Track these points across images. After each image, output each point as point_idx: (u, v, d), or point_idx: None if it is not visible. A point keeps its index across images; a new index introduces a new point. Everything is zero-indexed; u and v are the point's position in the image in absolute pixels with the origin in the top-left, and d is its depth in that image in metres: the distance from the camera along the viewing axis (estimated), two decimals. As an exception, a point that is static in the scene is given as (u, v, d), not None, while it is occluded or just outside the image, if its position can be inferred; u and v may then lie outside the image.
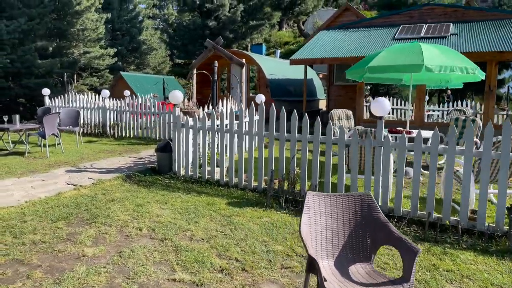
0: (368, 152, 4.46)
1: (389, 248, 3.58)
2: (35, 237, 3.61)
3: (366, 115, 11.24)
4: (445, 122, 11.53)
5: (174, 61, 36.76)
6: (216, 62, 6.42)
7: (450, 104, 13.91)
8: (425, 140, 7.31)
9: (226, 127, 6.65)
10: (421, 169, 4.87)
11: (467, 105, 12.92)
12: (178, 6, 25.06)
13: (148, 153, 7.93)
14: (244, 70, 8.60)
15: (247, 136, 5.72)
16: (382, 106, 4.32)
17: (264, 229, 3.97)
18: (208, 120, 5.85)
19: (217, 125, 5.75)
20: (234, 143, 5.49)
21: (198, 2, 22.63)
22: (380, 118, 4.38)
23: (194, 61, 8.98)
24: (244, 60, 8.58)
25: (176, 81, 23.80)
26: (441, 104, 13.21)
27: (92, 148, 8.45)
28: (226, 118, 7.00)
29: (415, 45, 5.85)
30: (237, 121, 7.49)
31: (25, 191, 4.94)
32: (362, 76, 7.25)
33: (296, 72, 17.64)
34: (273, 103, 5.48)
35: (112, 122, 10.24)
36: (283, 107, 5.30)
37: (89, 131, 10.52)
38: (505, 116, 11.77)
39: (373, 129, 4.88)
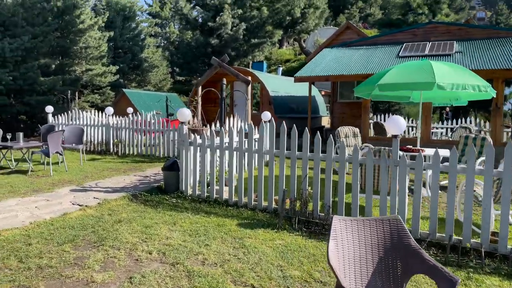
0: (383, 171, 4.34)
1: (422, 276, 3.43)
2: (41, 261, 3.46)
3: (370, 133, 11.17)
4: (451, 139, 11.46)
5: (175, 78, 37.01)
6: (224, 79, 6.37)
7: (449, 121, 13.85)
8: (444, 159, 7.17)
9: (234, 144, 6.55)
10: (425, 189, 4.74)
11: (470, 122, 12.87)
12: (181, 25, 25.33)
13: (153, 171, 7.80)
14: (249, 87, 8.55)
15: (256, 155, 5.62)
16: (397, 124, 4.23)
17: (278, 253, 3.82)
18: (217, 138, 5.75)
19: (226, 143, 5.65)
20: (244, 162, 5.37)
21: (200, 21, 22.88)
22: (396, 136, 4.28)
23: (199, 78, 8.96)
24: (250, 78, 8.55)
25: (178, 98, 23.87)
26: (444, 122, 13.14)
27: (96, 166, 8.33)
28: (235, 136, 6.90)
29: (425, 63, 5.81)
30: (245, 139, 7.41)
31: (29, 212, 4.79)
32: (370, 94, 7.21)
33: (298, 89, 17.67)
34: (274, 120, 5.40)
35: (115, 140, 10.14)
36: (294, 125, 5.21)
37: (92, 148, 10.41)
38: (510, 134, 11.70)
39: (386, 148, 4.78)
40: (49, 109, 10.83)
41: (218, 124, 7.80)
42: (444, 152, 6.37)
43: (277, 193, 5.49)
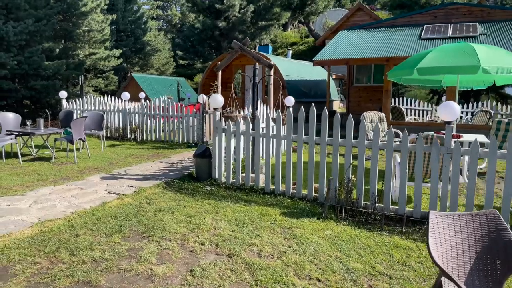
0: (435, 159, 4.20)
1: None
2: (94, 253, 3.35)
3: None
4: (470, 123, 11.29)
5: (177, 62, 36.56)
6: (257, 63, 6.15)
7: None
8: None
9: (262, 130, 6.40)
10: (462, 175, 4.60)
11: (482, 105, 12.67)
12: (187, 7, 24.79)
13: (178, 158, 7.66)
14: (272, 71, 8.33)
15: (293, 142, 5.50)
16: (452, 110, 4.07)
17: (332, 244, 3.71)
18: (251, 124, 5.59)
19: (262, 129, 5.50)
20: (280, 149, 5.23)
21: (207, 3, 22.37)
22: (449, 123, 4.13)
23: (219, 62, 8.72)
24: (272, 61, 8.31)
25: (186, 83, 23.56)
26: (465, 105, 12.93)
27: (118, 153, 8.19)
28: (263, 122, 6.74)
29: (466, 46, 5.60)
30: (273, 124, 7.23)
31: (67, 201, 4.67)
32: (401, 78, 7.01)
33: (310, 73, 17.39)
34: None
35: (134, 125, 9.97)
36: (325, 108, 5.04)
37: (109, 134, 10.25)
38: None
39: (434, 134, 4.63)
40: (63, 94, 10.62)
41: (246, 111, 7.63)
42: (472, 137, 6.21)
43: (316, 181, 5.37)
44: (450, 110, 4.06)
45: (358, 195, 4.59)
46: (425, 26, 11.53)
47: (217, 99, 5.62)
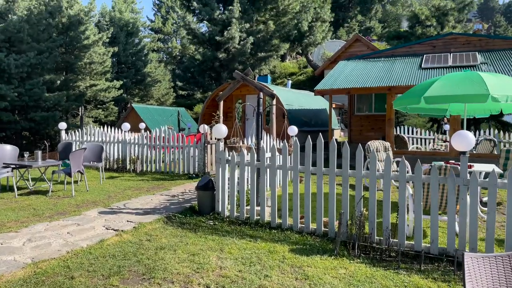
0: (451, 191, 4.00)
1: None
2: (90, 299, 3.08)
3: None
4: (475, 152, 11.15)
5: (177, 93, 36.88)
6: (261, 93, 6.06)
7: (447, 131, 13.49)
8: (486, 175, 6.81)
9: (267, 161, 6.23)
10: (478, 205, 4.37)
11: (484, 133, 12.58)
12: (188, 39, 25.23)
13: (179, 190, 7.43)
14: (274, 101, 8.26)
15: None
16: (466, 140, 3.91)
17: (347, 285, 3.45)
18: (255, 155, 5.41)
19: (267, 160, 5.32)
20: (287, 180, 5.03)
21: (208, 35, 22.77)
22: (464, 153, 3.96)
23: (221, 93, 8.70)
24: (274, 91, 8.27)
25: (186, 112, 23.61)
26: (444, 132, 12.83)
27: (117, 185, 7.96)
28: (267, 152, 6.57)
29: (473, 74, 5.54)
30: (277, 154, 7.06)
31: (62, 239, 4.41)
32: (406, 107, 6.92)
33: (310, 102, 17.44)
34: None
35: (133, 156, 9.79)
36: (333, 139, 4.89)
37: (108, 166, 10.05)
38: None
39: (448, 165, 4.45)
40: (62, 125, 10.50)
41: (249, 141, 7.49)
42: (483, 167, 6.04)
43: (325, 215, 5.14)
44: (464, 140, 3.91)
45: (371, 230, 4.35)
46: (424, 55, 11.63)
47: (221, 129, 5.48)
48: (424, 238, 4.70)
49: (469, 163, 6.00)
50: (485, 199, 6.60)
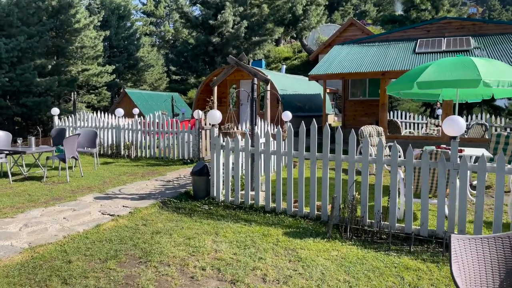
0: (441, 175, 4.08)
1: None
2: (88, 282, 3.14)
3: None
4: (466, 136, 11.27)
5: (170, 78, 36.57)
6: (255, 79, 6.06)
7: (440, 115, 13.58)
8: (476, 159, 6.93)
9: (261, 146, 6.27)
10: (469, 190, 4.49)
11: (476, 117, 12.70)
12: (181, 23, 24.88)
13: (174, 175, 7.48)
14: (269, 86, 8.25)
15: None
16: (457, 125, 3.98)
17: (339, 266, 3.54)
18: (250, 140, 5.45)
19: (261, 145, 5.36)
20: (281, 165, 5.09)
21: (201, 19, 22.47)
22: (455, 138, 4.03)
23: (215, 78, 8.66)
24: (269, 76, 8.25)
25: (180, 98, 23.46)
26: (436, 116, 12.93)
27: (111, 171, 7.98)
28: (262, 138, 6.61)
29: (466, 59, 5.57)
30: (272, 141, 7.10)
31: (59, 224, 4.46)
32: (400, 92, 6.96)
33: (305, 87, 17.42)
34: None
35: (127, 142, 9.79)
36: (327, 124, 4.93)
37: (102, 151, 10.04)
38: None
39: (439, 150, 4.53)
40: (55, 111, 10.41)
41: (243, 126, 7.51)
42: (474, 151, 6.15)
43: (318, 199, 5.22)
44: (455, 125, 3.97)
45: (363, 213, 4.45)
46: (418, 40, 11.62)
47: (215, 115, 5.49)
48: (415, 220, 4.81)
49: (460, 148, 6.10)
50: (475, 182, 6.73)
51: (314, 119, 4.99)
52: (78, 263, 3.49)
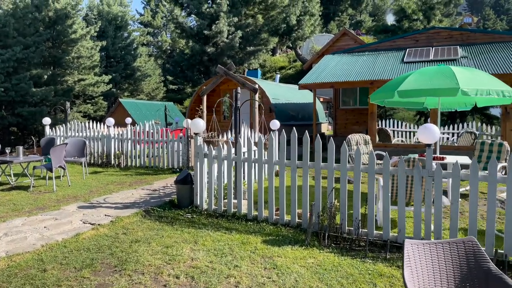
0: (417, 182, 4.13)
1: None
2: (60, 290, 3.16)
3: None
4: (456, 144, 11.35)
5: (168, 87, 36.73)
6: (238, 88, 6.13)
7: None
8: (462, 167, 6.98)
9: (244, 155, 6.32)
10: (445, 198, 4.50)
11: (467, 126, 12.79)
12: (176, 33, 25.11)
13: (161, 184, 7.50)
14: (257, 96, 8.34)
15: (277, 166, 5.37)
16: (431, 133, 4.04)
17: (313, 273, 3.56)
18: (232, 148, 5.49)
19: (244, 154, 5.41)
20: (263, 173, 5.13)
21: (196, 29, 22.69)
22: (429, 146, 4.09)
23: (204, 87, 8.74)
24: (257, 86, 8.34)
25: (175, 107, 23.56)
26: (450, 126, 13.03)
27: (100, 180, 8.00)
28: (244, 146, 6.65)
29: (445, 68, 5.66)
30: (255, 148, 7.15)
31: (39, 233, 4.47)
32: (384, 101, 7.04)
33: (297, 96, 17.53)
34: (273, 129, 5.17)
35: (117, 151, 9.82)
36: (306, 132, 5.00)
37: (92, 161, 10.06)
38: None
39: (415, 157, 4.58)
40: (46, 120, 10.47)
41: (229, 135, 7.57)
42: (462, 159, 6.20)
43: (299, 206, 5.25)
44: (429, 133, 4.03)
45: (342, 220, 4.48)
46: (407, 49, 11.76)
47: (198, 124, 5.55)
48: (395, 227, 4.84)
49: (442, 155, 6.16)
50: (462, 189, 6.77)
51: (306, 128, 5.06)
52: (53, 272, 3.50)
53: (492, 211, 3.81)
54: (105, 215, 5.24)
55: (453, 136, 12.42)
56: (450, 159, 5.97)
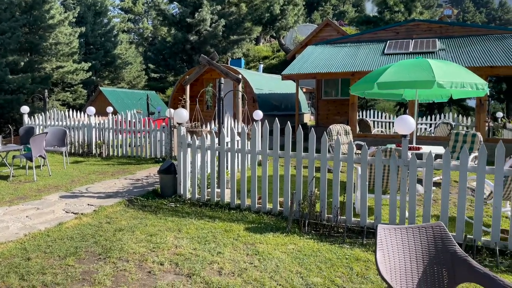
0: (393, 171, 4.31)
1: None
2: (45, 278, 3.20)
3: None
4: (432, 134, 11.72)
5: (149, 76, 36.20)
6: (222, 78, 6.17)
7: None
8: (436, 156, 7.25)
9: (227, 145, 6.39)
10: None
11: (444, 116, 13.20)
12: (157, 21, 24.71)
13: (144, 174, 7.51)
14: (240, 86, 8.38)
15: (259, 156, 5.46)
16: (407, 124, 4.20)
17: (294, 258, 3.71)
18: (215, 139, 5.56)
19: (227, 144, 5.48)
20: (246, 163, 5.23)
21: (178, 17, 22.38)
22: (405, 136, 4.26)
23: (187, 77, 8.71)
24: (240, 76, 8.37)
25: (157, 96, 23.30)
26: (428, 117, 13.41)
27: (81, 170, 7.94)
28: (228, 136, 6.73)
29: (423, 61, 5.84)
30: (238, 138, 7.23)
31: (21, 223, 4.46)
32: (364, 92, 7.20)
33: (281, 87, 17.62)
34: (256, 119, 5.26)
35: (99, 141, 9.73)
36: (288, 122, 5.11)
37: (73, 150, 9.95)
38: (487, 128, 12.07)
39: (392, 147, 4.76)
40: (25, 109, 10.26)
41: (213, 125, 7.61)
42: (437, 149, 6.45)
43: (281, 195, 5.38)
44: (405, 124, 4.19)
45: (322, 208, 4.63)
46: (388, 41, 11.97)
47: (182, 113, 5.58)
48: (372, 215, 5.03)
49: (418, 146, 6.39)
50: (435, 178, 7.04)
51: (289, 119, 5.16)
52: (37, 260, 3.53)
53: (462, 198, 4.02)
54: (88, 204, 5.26)
55: (430, 126, 12.80)
56: (425, 149, 6.20)
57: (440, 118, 13.29)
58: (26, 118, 10.45)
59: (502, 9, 75.51)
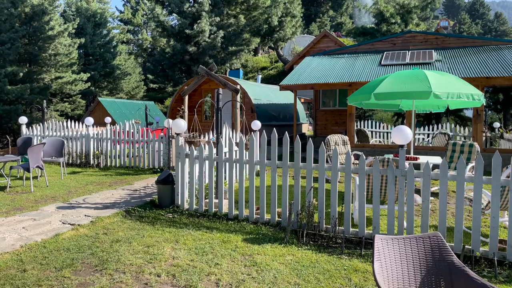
0: (391, 181, 4.31)
1: None
2: (41, 290, 3.17)
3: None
4: (430, 145, 11.74)
5: (148, 86, 36.33)
6: (220, 89, 6.20)
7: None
8: (434, 166, 7.26)
9: (225, 155, 6.40)
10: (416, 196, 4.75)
11: (441, 127, 13.25)
12: (156, 32, 24.90)
13: (141, 184, 7.49)
14: (238, 96, 8.42)
15: (257, 166, 5.45)
16: (404, 134, 4.22)
17: (292, 270, 3.69)
18: (214, 149, 5.57)
19: (225, 154, 5.49)
20: (244, 173, 5.23)
21: (177, 28, 22.56)
22: (402, 146, 4.28)
23: (185, 87, 8.75)
24: (238, 87, 8.42)
25: (156, 106, 23.36)
26: (425, 127, 13.45)
27: (78, 180, 7.92)
28: (226, 147, 6.75)
29: (419, 72, 5.89)
30: (236, 149, 7.24)
31: (17, 234, 4.43)
32: (361, 102, 7.25)
33: (279, 97, 17.71)
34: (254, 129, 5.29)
35: (97, 151, 9.72)
36: (286, 132, 5.13)
37: (71, 161, 9.93)
38: (484, 139, 12.12)
39: (390, 157, 4.77)
40: (23, 119, 10.26)
41: (211, 135, 7.62)
42: (434, 160, 6.46)
43: (279, 205, 5.37)
44: (402, 134, 4.21)
45: (320, 219, 4.62)
46: (385, 52, 12.08)
47: (180, 124, 5.59)
48: (370, 225, 5.02)
49: (415, 156, 6.41)
50: (433, 189, 7.04)
51: (287, 129, 5.18)
52: (33, 272, 3.50)
53: (460, 209, 4.02)
54: (85, 215, 5.23)
55: (428, 137, 12.84)
56: (423, 159, 6.21)
57: (437, 128, 13.36)
58: (24, 129, 10.45)
59: (498, 21, 76.48)
